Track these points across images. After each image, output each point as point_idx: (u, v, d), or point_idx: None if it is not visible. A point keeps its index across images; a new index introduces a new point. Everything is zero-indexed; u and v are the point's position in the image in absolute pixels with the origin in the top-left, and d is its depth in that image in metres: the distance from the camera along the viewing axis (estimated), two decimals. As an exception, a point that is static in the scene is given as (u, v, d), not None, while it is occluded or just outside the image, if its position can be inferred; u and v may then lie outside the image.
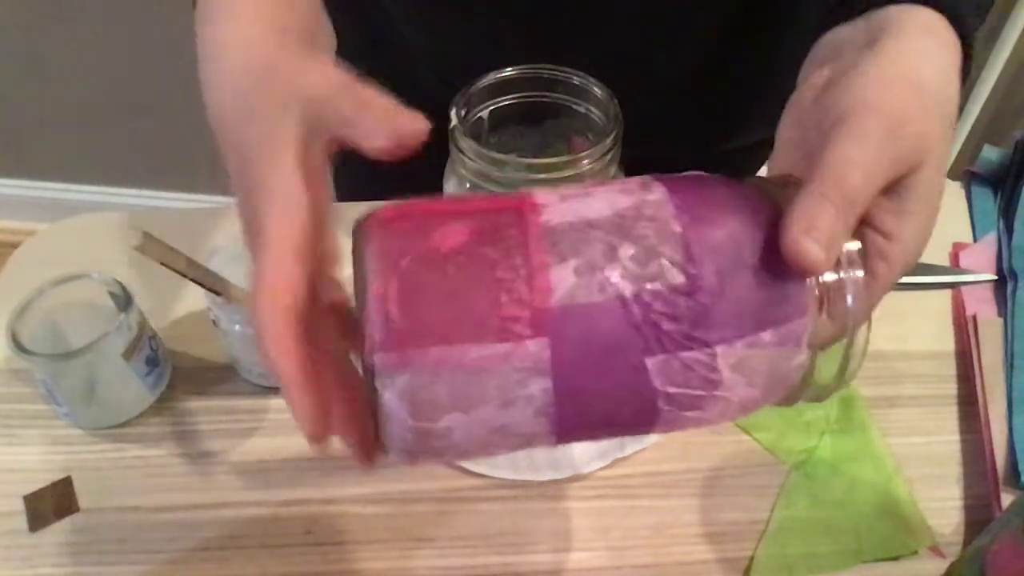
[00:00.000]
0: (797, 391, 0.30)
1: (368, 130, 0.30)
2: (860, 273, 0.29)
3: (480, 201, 0.29)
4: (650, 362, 0.27)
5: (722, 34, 0.56)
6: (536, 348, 0.26)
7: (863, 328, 0.29)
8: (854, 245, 0.29)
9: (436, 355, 0.26)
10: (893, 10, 0.34)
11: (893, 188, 0.31)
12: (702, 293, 0.27)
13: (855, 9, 0.36)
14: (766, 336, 0.28)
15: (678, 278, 0.27)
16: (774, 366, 0.28)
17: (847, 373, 0.30)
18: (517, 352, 0.26)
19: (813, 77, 0.35)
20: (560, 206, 0.28)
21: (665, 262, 0.27)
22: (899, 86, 0.32)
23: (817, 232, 0.28)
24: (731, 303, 0.27)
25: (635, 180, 0.29)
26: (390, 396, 0.26)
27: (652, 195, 0.28)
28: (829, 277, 0.29)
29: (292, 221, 0.29)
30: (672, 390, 0.28)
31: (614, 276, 0.27)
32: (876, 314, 0.31)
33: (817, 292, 0.28)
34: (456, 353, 0.26)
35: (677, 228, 0.28)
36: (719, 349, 0.27)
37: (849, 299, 0.28)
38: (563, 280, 0.26)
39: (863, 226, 0.31)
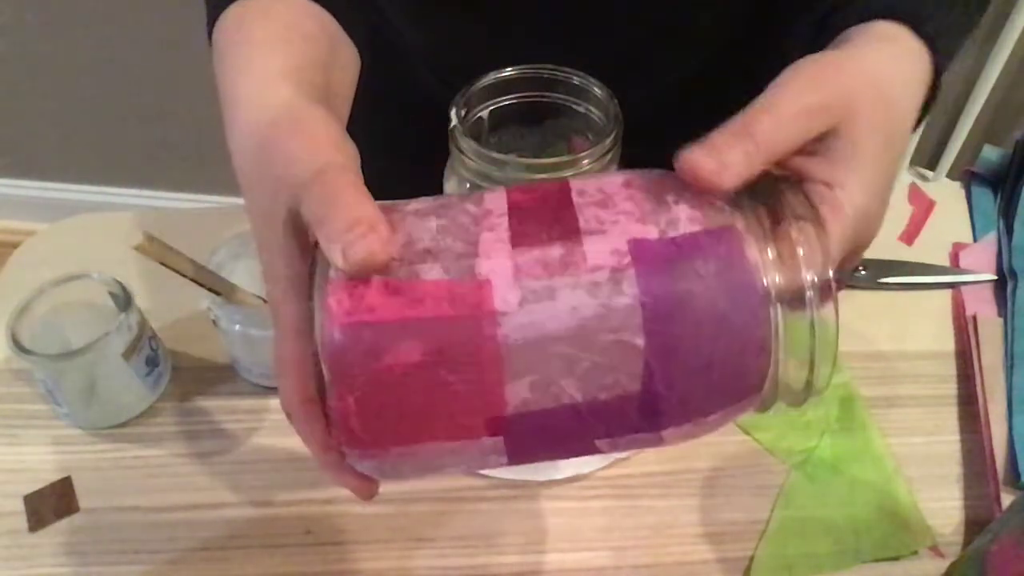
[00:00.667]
0: (767, 403, 0.31)
1: (324, 237, 0.29)
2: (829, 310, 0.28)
3: (439, 303, 0.27)
4: (599, 441, 0.29)
5: (722, 35, 0.56)
6: (491, 442, 0.28)
7: (827, 328, 0.28)
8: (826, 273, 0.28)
9: (398, 452, 0.29)
10: (869, 26, 0.35)
11: (824, 142, 0.32)
12: (657, 400, 0.27)
13: (831, 31, 0.37)
14: (715, 417, 0.29)
15: (633, 387, 0.27)
16: (726, 420, 0.30)
17: (816, 383, 0.30)
18: (473, 445, 0.28)
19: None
20: (520, 315, 0.26)
21: (622, 377, 0.27)
22: (831, 56, 0.33)
23: (714, 149, 0.29)
24: (685, 403, 0.28)
25: (608, 264, 0.27)
26: (358, 465, 0.30)
27: (622, 299, 0.26)
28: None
29: (296, 301, 0.31)
30: (617, 450, 0.30)
31: (569, 387, 0.27)
32: (876, 314, 0.31)
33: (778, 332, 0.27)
34: (416, 449, 0.29)
35: (640, 342, 0.26)
36: (666, 432, 0.29)
37: (797, 246, 0.27)
38: (518, 394, 0.27)
39: (803, 182, 0.32)
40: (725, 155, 0.29)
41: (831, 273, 0.27)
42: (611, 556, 0.46)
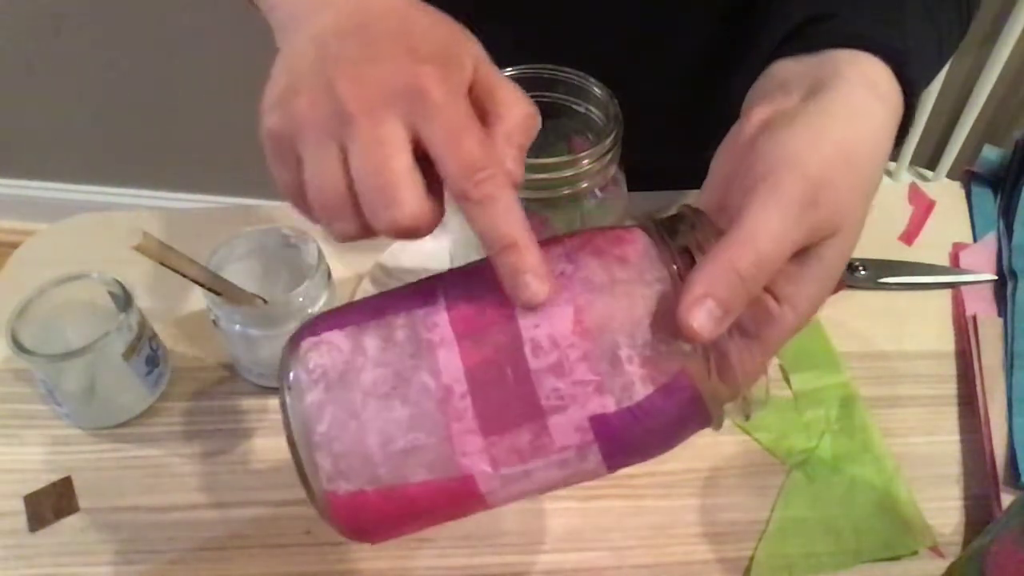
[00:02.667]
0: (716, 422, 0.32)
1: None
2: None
3: (432, 500, 0.31)
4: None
5: (719, 37, 0.56)
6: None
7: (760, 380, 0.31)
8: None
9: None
10: (842, 58, 0.34)
11: (798, 254, 0.31)
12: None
13: (808, 43, 0.36)
14: (657, 452, 0.32)
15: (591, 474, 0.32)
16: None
17: (752, 413, 0.32)
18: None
19: (754, 116, 0.34)
20: (501, 493, 0.31)
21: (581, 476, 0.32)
22: (828, 147, 0.31)
23: (712, 300, 0.28)
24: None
25: (574, 443, 0.30)
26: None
27: (588, 464, 0.31)
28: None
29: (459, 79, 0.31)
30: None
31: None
32: (876, 314, 0.31)
33: (707, 357, 0.30)
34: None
35: (602, 472, 0.32)
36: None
37: (737, 369, 0.30)
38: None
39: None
40: (727, 304, 0.28)
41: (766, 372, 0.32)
42: (611, 556, 0.46)
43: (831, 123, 0.32)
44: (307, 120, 0.30)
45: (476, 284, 0.31)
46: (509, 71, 0.44)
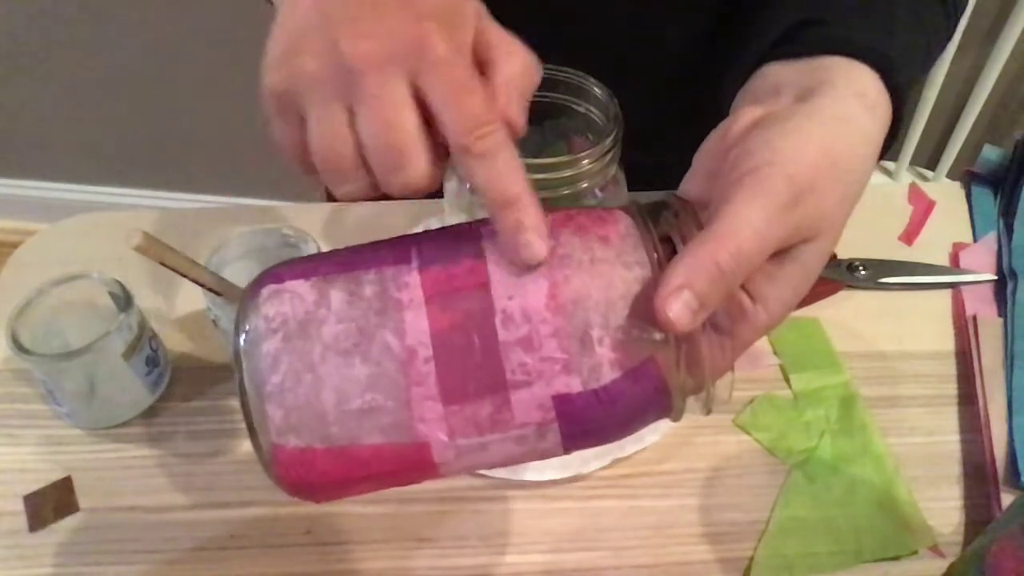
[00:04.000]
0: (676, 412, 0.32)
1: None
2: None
3: (383, 463, 0.30)
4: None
5: (717, 36, 0.56)
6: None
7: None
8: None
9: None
10: (834, 65, 0.34)
11: (776, 254, 0.31)
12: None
13: (799, 47, 0.36)
14: (614, 437, 0.32)
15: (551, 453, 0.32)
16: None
17: (713, 408, 0.32)
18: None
19: (744, 115, 0.34)
20: (455, 464, 0.30)
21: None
22: (815, 151, 0.31)
23: (690, 292, 0.28)
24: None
25: (534, 420, 0.29)
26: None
27: (545, 443, 0.30)
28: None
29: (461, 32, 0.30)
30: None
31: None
32: (876, 314, 0.31)
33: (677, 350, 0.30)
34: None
35: (560, 451, 0.31)
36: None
37: (706, 363, 0.30)
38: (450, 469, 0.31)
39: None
40: (704, 297, 0.28)
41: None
42: (611, 556, 0.46)
43: (820, 129, 0.32)
44: (311, 78, 0.30)
45: (452, 247, 0.30)
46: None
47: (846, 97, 0.33)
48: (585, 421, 0.30)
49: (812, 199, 0.31)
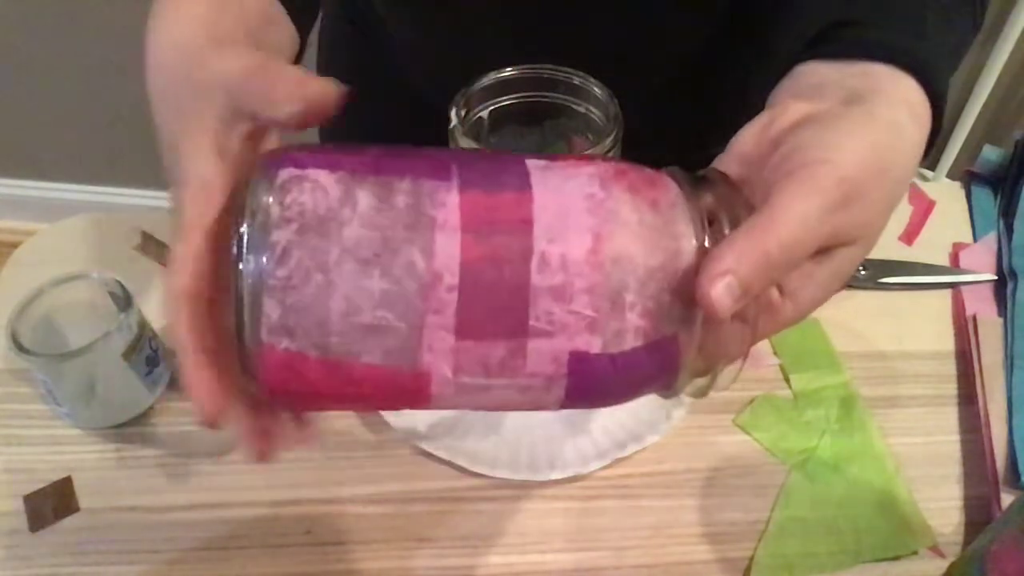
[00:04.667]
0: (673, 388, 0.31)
1: (278, 100, 0.30)
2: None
3: (377, 387, 0.28)
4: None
5: (718, 36, 0.56)
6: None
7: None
8: None
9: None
10: (880, 74, 0.34)
11: (815, 253, 0.31)
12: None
13: (838, 48, 0.36)
14: (612, 403, 0.31)
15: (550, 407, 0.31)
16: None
17: (709, 394, 0.31)
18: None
19: (791, 108, 0.34)
20: (451, 399, 0.29)
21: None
22: (870, 155, 0.31)
23: (734, 277, 0.27)
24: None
25: (545, 372, 0.28)
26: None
27: (548, 396, 0.29)
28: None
29: (204, 203, 0.30)
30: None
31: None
32: (876, 314, 0.31)
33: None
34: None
35: (556, 408, 0.30)
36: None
37: (722, 349, 0.29)
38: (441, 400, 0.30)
39: None
40: (747, 284, 0.28)
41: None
42: (611, 556, 0.46)
43: (875, 135, 0.32)
44: None
45: (495, 172, 0.28)
46: (509, 71, 0.44)
47: (897, 104, 0.33)
48: (594, 382, 0.29)
49: (859, 204, 0.31)
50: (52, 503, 0.48)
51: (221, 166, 0.31)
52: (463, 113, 0.43)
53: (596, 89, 0.44)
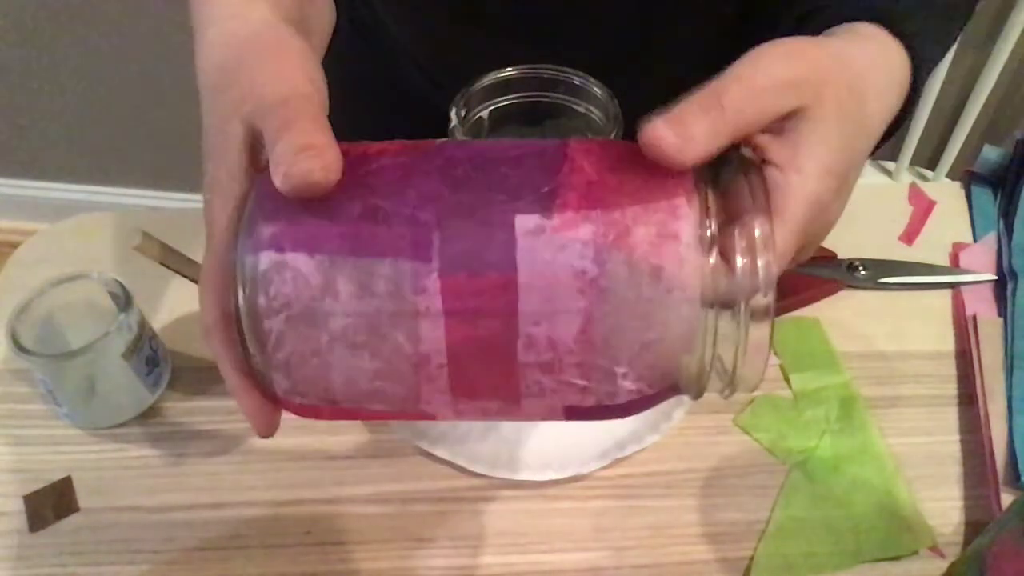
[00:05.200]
0: (698, 368, 0.29)
1: (273, 160, 0.28)
2: (762, 226, 0.27)
3: (379, 413, 0.30)
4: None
5: (719, 39, 0.56)
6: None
7: (762, 325, 0.27)
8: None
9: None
10: (853, 26, 0.35)
11: (787, 123, 0.31)
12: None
13: (816, 24, 0.36)
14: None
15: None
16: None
17: (743, 375, 0.29)
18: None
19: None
20: (453, 420, 0.32)
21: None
22: (808, 38, 0.32)
23: (678, 123, 0.27)
24: None
25: (542, 416, 0.30)
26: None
27: (545, 421, 0.30)
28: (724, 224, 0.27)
29: (233, 212, 0.30)
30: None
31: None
32: (876, 314, 0.31)
33: (707, 236, 0.27)
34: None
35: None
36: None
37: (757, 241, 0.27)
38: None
39: (760, 165, 0.30)
40: (691, 128, 0.27)
41: (771, 297, 0.27)
42: (611, 556, 0.46)
43: (826, 40, 0.33)
44: None
45: (480, 240, 0.27)
46: (509, 71, 0.44)
47: (863, 41, 0.34)
48: (593, 417, 0.29)
49: (806, 61, 0.31)
50: (52, 503, 0.48)
51: (248, 180, 0.31)
52: (463, 113, 0.43)
53: (596, 89, 0.44)
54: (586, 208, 0.27)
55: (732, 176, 0.28)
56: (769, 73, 0.30)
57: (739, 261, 0.27)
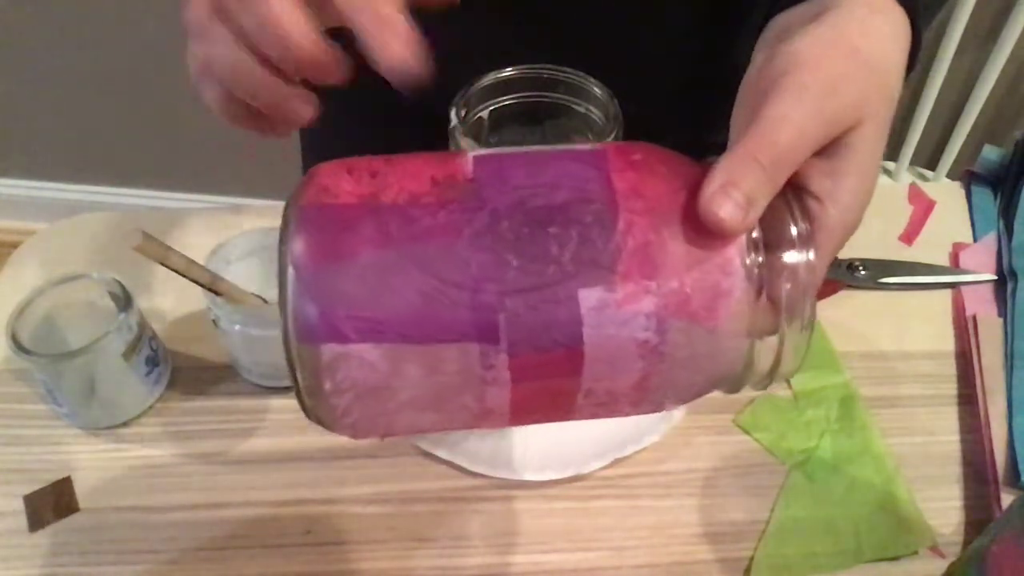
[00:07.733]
0: (737, 379, 0.31)
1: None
2: (804, 256, 0.29)
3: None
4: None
5: (715, 19, 0.56)
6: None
7: (798, 322, 0.29)
8: (795, 228, 0.29)
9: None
10: None
11: (828, 148, 0.31)
12: None
13: None
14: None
15: None
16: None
17: (782, 368, 0.31)
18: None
19: (761, 53, 0.34)
20: None
21: None
22: (838, 49, 0.31)
23: (735, 189, 0.27)
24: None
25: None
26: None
27: None
28: (765, 256, 0.28)
29: None
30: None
31: None
32: (876, 314, 0.31)
33: (754, 274, 0.28)
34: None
35: None
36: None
37: (787, 278, 0.28)
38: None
39: (796, 190, 0.31)
40: (748, 192, 0.27)
41: (812, 321, 0.30)
42: (611, 556, 0.46)
43: (837, 31, 0.32)
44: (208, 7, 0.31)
45: (547, 326, 0.27)
46: (509, 71, 0.44)
47: (858, 9, 0.33)
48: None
49: (846, 87, 0.30)
50: (52, 503, 0.48)
51: None
52: (463, 113, 0.43)
53: (596, 89, 0.44)
54: (646, 279, 0.27)
55: (773, 201, 0.29)
56: (818, 112, 0.29)
57: (785, 298, 0.28)
